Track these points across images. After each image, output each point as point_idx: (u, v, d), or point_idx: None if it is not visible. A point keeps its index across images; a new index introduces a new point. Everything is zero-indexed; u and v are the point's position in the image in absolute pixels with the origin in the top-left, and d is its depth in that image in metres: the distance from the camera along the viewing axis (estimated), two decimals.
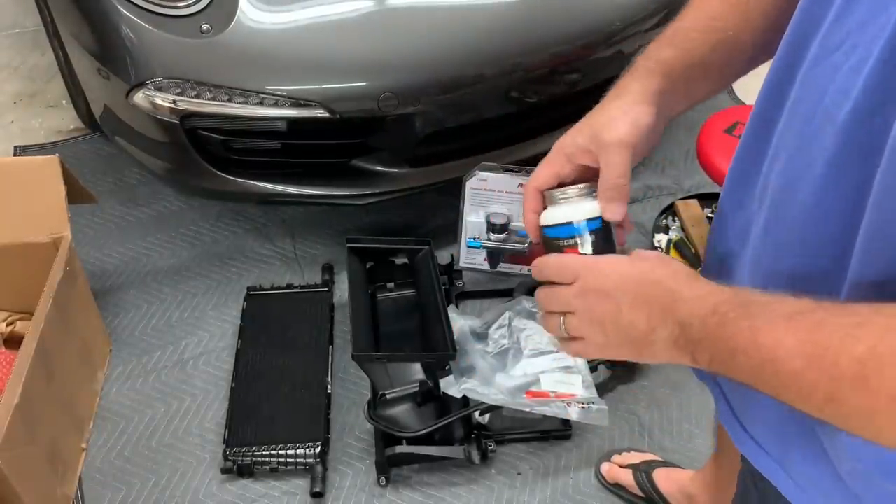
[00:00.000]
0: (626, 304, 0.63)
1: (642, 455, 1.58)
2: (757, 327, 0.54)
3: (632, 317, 0.63)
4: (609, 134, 0.72)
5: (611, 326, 0.65)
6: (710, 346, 0.58)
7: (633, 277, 0.64)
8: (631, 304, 0.63)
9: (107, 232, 2.10)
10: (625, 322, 0.63)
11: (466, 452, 1.54)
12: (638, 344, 0.64)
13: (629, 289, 0.64)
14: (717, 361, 0.58)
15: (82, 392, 1.64)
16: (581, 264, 0.68)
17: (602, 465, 1.59)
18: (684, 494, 1.43)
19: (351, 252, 1.81)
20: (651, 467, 1.53)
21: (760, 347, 0.54)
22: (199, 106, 1.64)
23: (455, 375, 1.57)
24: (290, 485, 1.57)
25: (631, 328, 0.63)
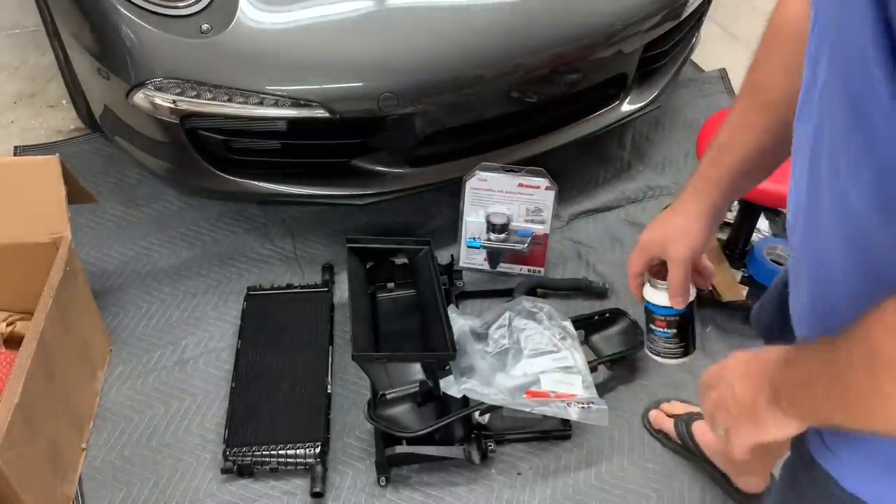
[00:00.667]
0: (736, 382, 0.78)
1: (687, 406, 1.67)
2: (825, 367, 0.66)
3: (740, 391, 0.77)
4: (674, 251, 0.98)
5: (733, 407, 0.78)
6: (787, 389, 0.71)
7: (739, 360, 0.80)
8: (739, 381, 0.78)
9: (107, 232, 2.10)
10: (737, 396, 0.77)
11: (466, 452, 1.54)
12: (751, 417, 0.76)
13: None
14: (795, 401, 0.71)
15: (82, 392, 1.64)
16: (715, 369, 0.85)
17: (650, 412, 1.69)
18: (718, 445, 1.52)
19: (351, 252, 1.81)
20: (692, 419, 1.61)
21: (824, 378, 0.66)
22: (199, 106, 1.64)
23: (455, 375, 1.57)
24: (290, 485, 1.57)
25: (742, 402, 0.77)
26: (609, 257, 2.06)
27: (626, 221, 2.16)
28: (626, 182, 2.26)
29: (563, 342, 1.68)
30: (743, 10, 3.03)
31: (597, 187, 2.26)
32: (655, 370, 1.79)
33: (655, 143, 2.41)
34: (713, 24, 2.93)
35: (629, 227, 2.14)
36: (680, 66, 2.25)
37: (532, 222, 1.94)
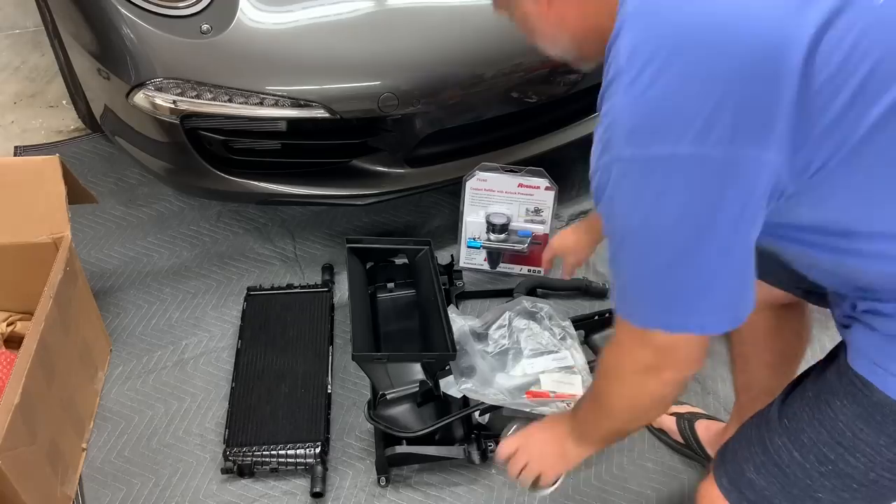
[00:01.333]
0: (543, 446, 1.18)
1: (688, 407, 1.69)
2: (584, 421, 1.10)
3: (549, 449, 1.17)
4: (569, 258, 1.63)
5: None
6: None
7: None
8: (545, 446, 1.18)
9: (107, 232, 2.10)
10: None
11: (466, 452, 1.54)
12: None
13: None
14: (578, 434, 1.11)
15: (82, 392, 1.64)
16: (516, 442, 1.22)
17: None
18: (720, 442, 1.53)
19: (351, 252, 1.81)
20: (695, 417, 1.63)
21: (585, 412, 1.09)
22: (199, 106, 1.64)
23: (455, 375, 1.57)
24: (291, 485, 1.57)
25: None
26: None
27: None
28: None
29: (563, 342, 1.68)
30: None
31: None
32: None
33: None
34: None
35: None
36: None
37: (532, 222, 1.94)
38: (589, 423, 1.08)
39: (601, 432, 1.07)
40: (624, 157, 0.76)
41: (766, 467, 0.94)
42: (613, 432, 1.05)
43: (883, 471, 0.85)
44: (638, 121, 0.75)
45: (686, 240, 0.78)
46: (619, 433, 1.07)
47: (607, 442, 1.12)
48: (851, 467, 0.86)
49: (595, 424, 1.06)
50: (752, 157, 0.73)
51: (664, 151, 0.74)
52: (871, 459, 0.85)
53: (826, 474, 0.88)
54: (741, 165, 0.73)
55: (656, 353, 0.88)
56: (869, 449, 0.85)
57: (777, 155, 0.73)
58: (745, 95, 0.72)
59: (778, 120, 0.72)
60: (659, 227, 0.78)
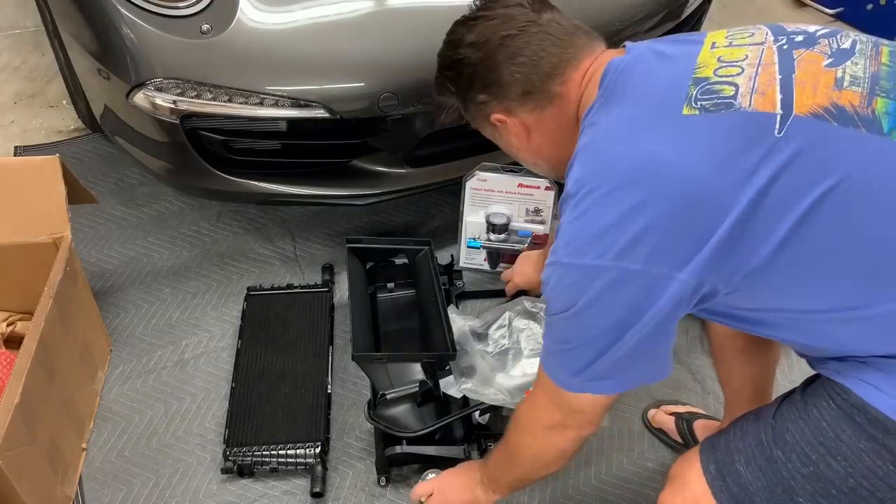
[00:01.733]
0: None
1: (687, 406, 1.71)
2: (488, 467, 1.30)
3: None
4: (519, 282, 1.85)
5: None
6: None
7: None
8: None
9: (107, 232, 2.10)
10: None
11: (466, 452, 1.54)
12: None
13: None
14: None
15: (82, 392, 1.64)
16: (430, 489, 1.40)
17: (650, 411, 1.72)
18: None
19: (351, 252, 1.81)
20: (693, 417, 1.65)
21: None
22: (199, 106, 1.64)
23: (455, 375, 1.57)
24: (291, 485, 1.57)
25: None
26: None
27: None
28: None
29: None
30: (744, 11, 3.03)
31: None
32: None
33: None
34: (714, 25, 2.93)
35: None
36: None
37: (532, 222, 1.94)
38: (499, 470, 1.26)
39: (508, 479, 1.25)
40: (563, 263, 0.94)
41: (756, 461, 0.95)
42: (519, 479, 1.25)
43: (862, 478, 0.87)
44: (575, 236, 0.93)
45: (608, 330, 0.93)
46: (523, 481, 1.26)
47: (512, 489, 1.29)
48: (832, 471, 0.88)
49: (504, 471, 1.25)
50: (664, 275, 0.88)
51: (591, 262, 0.91)
52: (851, 465, 0.87)
53: (808, 476, 0.90)
54: (654, 279, 0.89)
55: (566, 413, 1.05)
56: (850, 453, 0.87)
57: (691, 277, 0.88)
58: (671, 229, 0.87)
59: (698, 253, 0.87)
60: (586, 317, 0.94)
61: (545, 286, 0.98)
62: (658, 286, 0.89)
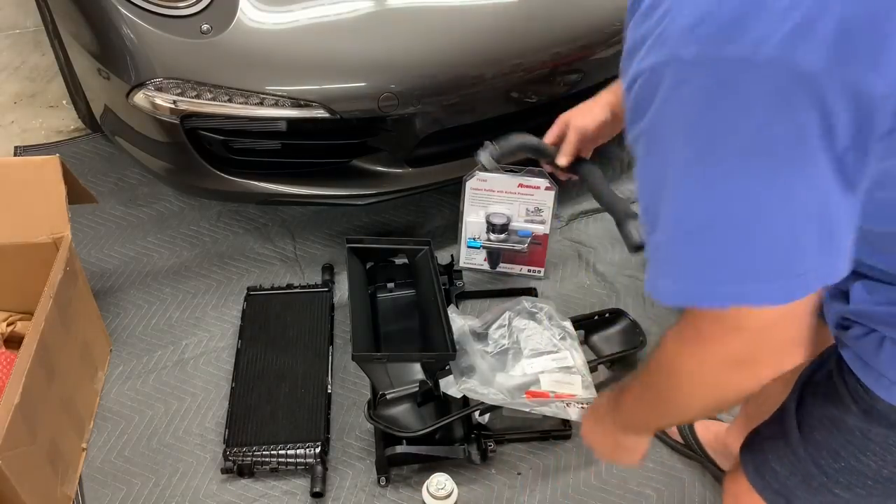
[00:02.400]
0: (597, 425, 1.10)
1: None
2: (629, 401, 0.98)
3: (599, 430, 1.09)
4: (575, 121, 1.35)
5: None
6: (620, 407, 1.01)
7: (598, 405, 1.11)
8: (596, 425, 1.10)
9: (107, 232, 2.10)
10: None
11: (466, 452, 1.54)
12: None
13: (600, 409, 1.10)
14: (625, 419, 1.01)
15: (82, 392, 1.64)
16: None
17: None
18: (720, 443, 1.55)
19: (351, 252, 1.81)
20: None
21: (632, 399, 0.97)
22: (199, 106, 1.64)
23: (455, 375, 1.57)
24: (290, 485, 1.57)
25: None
26: (609, 257, 2.06)
27: None
28: (625, 182, 2.26)
29: (562, 342, 1.68)
30: None
31: None
32: None
33: None
34: None
35: None
36: None
37: (532, 222, 1.94)
38: (639, 419, 0.98)
39: (658, 424, 1.05)
40: (685, 58, 0.59)
41: (788, 458, 0.93)
42: (674, 424, 1.11)
43: (895, 468, 0.84)
44: (709, 9, 0.58)
45: (764, 172, 0.60)
46: (681, 423, 1.14)
47: (668, 427, 1.17)
48: (864, 465, 0.86)
49: (651, 421, 0.99)
50: (858, 78, 0.57)
51: (742, 53, 0.57)
52: (882, 458, 0.84)
53: (840, 471, 0.88)
54: (846, 84, 0.57)
55: (748, 339, 0.70)
56: (879, 448, 0.84)
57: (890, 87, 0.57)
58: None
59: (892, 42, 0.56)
60: (727, 152, 0.60)
61: (641, 111, 0.65)
62: (850, 94, 0.57)
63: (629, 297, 1.95)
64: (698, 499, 1.57)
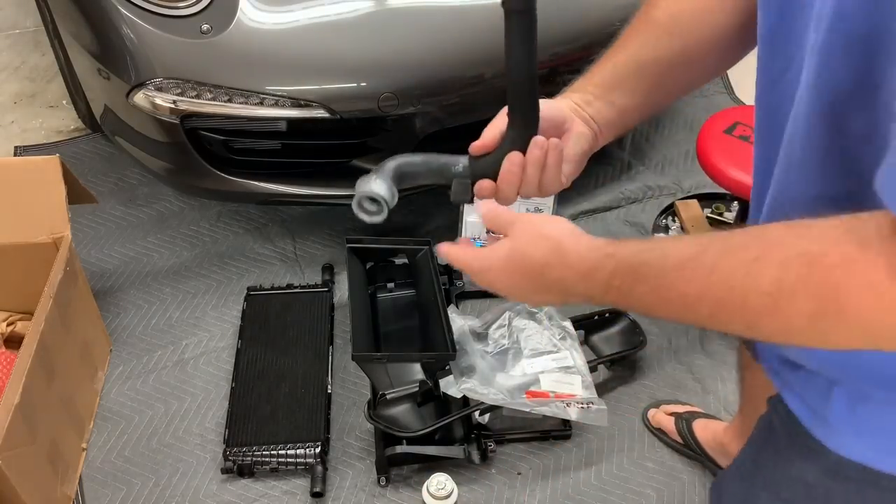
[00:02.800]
0: (525, 294, 0.72)
1: (686, 406, 1.69)
2: (656, 287, 0.60)
3: (537, 298, 0.72)
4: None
5: (520, 297, 0.74)
6: (623, 304, 0.64)
7: (516, 269, 0.71)
8: (530, 294, 0.72)
9: (107, 232, 2.10)
10: (534, 299, 0.72)
11: (466, 452, 1.54)
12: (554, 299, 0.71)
13: (520, 287, 0.72)
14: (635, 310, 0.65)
15: (82, 392, 1.64)
16: (466, 260, 0.76)
17: (649, 411, 1.70)
18: (717, 443, 1.55)
19: (351, 252, 1.81)
20: (693, 417, 1.63)
21: (669, 303, 0.60)
22: (199, 106, 1.64)
23: (455, 375, 1.57)
24: (291, 485, 1.57)
25: (541, 299, 0.72)
26: None
27: (626, 222, 2.16)
28: (625, 182, 2.26)
29: (562, 342, 1.68)
30: None
31: (596, 187, 2.26)
32: (655, 370, 1.80)
33: (655, 143, 2.41)
34: None
35: (629, 228, 2.14)
36: None
37: None
38: (659, 313, 0.62)
39: (703, 324, 0.61)
40: None
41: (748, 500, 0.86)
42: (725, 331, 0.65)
43: None
44: None
45: None
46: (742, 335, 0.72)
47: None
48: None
49: (681, 319, 0.61)
50: None
51: None
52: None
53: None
54: None
55: None
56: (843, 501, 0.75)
57: None
58: None
59: None
60: None
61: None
62: None
63: None
64: (698, 499, 1.57)
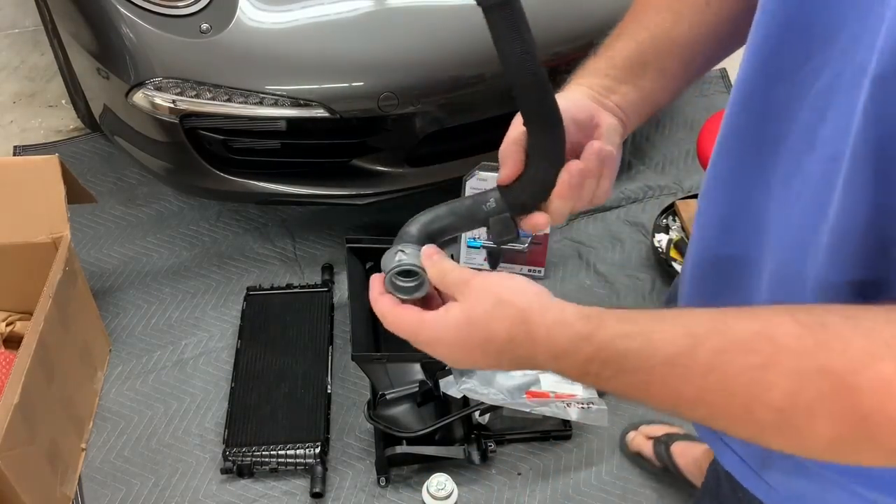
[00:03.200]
0: (486, 366, 0.58)
1: (665, 427, 1.62)
2: (644, 382, 0.50)
3: (501, 368, 0.59)
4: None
5: (479, 367, 0.60)
6: (604, 389, 0.54)
7: (473, 342, 0.57)
8: (493, 366, 0.58)
9: (106, 232, 2.10)
10: (483, 364, 0.59)
11: (466, 452, 1.54)
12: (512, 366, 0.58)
13: (478, 361, 0.58)
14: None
15: (82, 392, 1.64)
16: (409, 327, 0.60)
17: (628, 434, 1.64)
18: (697, 467, 1.49)
19: (351, 252, 1.81)
20: (671, 440, 1.57)
21: (660, 400, 0.50)
22: (198, 106, 1.64)
23: (455, 375, 1.57)
24: (290, 485, 1.57)
25: (506, 369, 0.59)
26: (609, 257, 2.06)
27: (627, 221, 2.16)
28: (626, 182, 2.26)
29: None
30: None
31: None
32: None
33: (655, 143, 2.41)
34: None
35: (630, 227, 2.13)
36: None
37: None
38: (655, 403, 0.52)
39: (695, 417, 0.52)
40: None
41: None
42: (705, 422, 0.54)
43: None
44: None
45: None
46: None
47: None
48: None
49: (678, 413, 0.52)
50: None
51: None
52: None
53: None
54: None
55: None
56: None
57: None
58: None
59: None
60: None
61: None
62: None
63: (629, 297, 1.95)
64: None
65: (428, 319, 0.59)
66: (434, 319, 0.59)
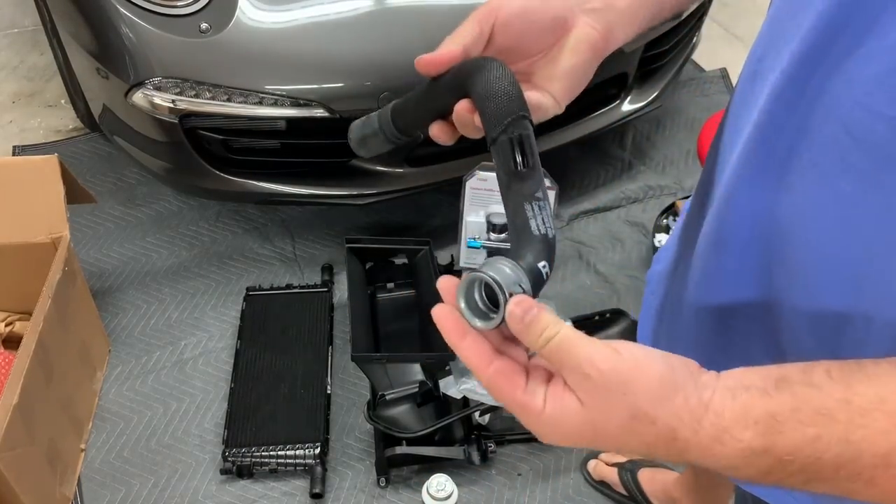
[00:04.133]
0: (609, 445, 0.48)
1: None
2: (848, 490, 0.43)
3: (630, 447, 0.47)
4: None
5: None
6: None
7: (599, 444, 0.48)
8: (617, 446, 0.47)
9: (106, 232, 2.10)
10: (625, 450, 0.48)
11: (466, 453, 1.54)
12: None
13: (607, 441, 0.47)
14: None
15: (81, 392, 1.63)
16: (533, 423, 0.48)
17: (589, 462, 1.60)
18: (667, 497, 1.44)
19: (350, 252, 1.81)
20: (636, 466, 1.53)
21: (869, 496, 0.44)
22: (198, 105, 1.64)
23: (455, 376, 1.57)
24: (290, 486, 1.57)
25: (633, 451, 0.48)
26: (610, 257, 2.05)
27: (627, 221, 2.15)
28: (626, 182, 2.26)
29: None
30: (745, 10, 3.03)
31: (597, 187, 2.25)
32: None
33: (656, 143, 2.41)
34: (714, 24, 2.93)
35: (630, 227, 2.13)
36: (681, 65, 2.24)
37: None
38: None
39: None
40: None
41: None
42: None
43: None
44: None
45: None
46: None
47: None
48: None
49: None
50: None
51: None
52: None
53: None
54: None
55: None
56: None
57: None
58: None
59: None
60: None
61: None
62: None
63: (630, 297, 1.94)
64: None
65: (546, 415, 0.47)
66: (553, 418, 0.47)
